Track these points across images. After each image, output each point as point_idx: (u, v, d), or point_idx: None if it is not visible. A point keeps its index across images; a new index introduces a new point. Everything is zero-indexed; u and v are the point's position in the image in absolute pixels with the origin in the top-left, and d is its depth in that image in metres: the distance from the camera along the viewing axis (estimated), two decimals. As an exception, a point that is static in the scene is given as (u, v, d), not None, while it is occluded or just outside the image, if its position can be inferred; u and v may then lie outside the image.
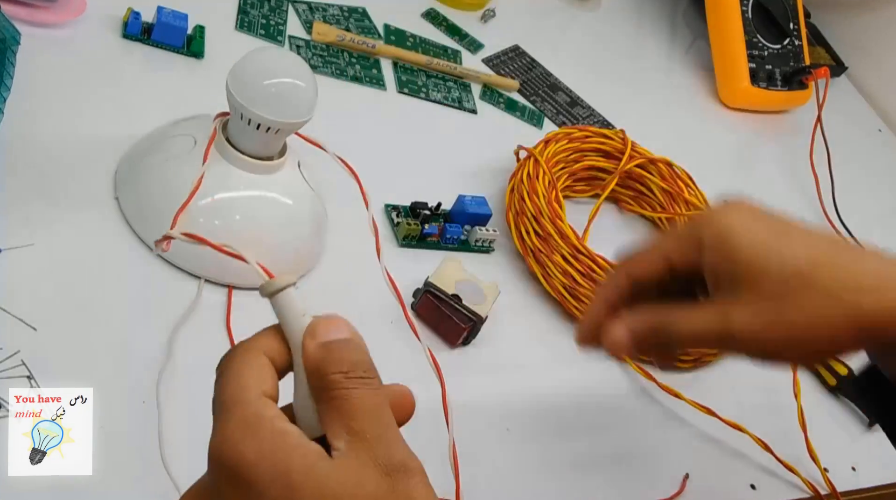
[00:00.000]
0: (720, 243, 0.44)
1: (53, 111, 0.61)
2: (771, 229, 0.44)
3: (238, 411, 0.33)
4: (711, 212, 0.47)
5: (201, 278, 0.57)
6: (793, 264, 0.43)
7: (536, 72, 0.91)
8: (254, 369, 0.35)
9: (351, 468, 0.33)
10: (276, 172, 0.58)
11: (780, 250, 0.43)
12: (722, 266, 0.44)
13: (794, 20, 1.05)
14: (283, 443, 0.33)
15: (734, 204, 0.46)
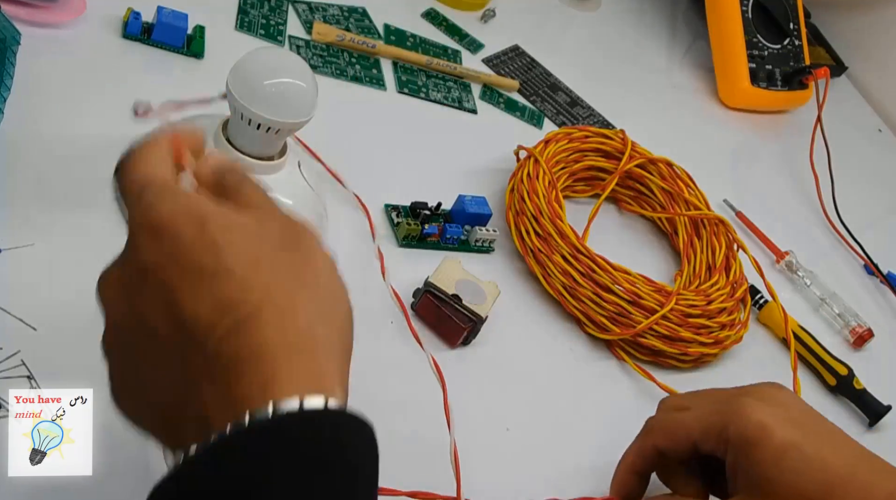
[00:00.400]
0: (754, 440, 0.43)
1: (53, 111, 0.61)
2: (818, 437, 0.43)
3: (151, 188, 0.38)
4: (742, 403, 0.44)
5: None
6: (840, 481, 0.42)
7: (536, 72, 0.91)
8: (158, 162, 0.40)
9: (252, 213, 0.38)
10: (276, 172, 0.58)
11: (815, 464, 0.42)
12: (746, 470, 0.43)
13: (794, 20, 1.05)
14: (194, 198, 0.38)
15: (767, 391, 0.45)
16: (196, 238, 0.35)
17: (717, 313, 0.70)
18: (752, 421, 0.43)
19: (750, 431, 0.43)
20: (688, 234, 0.76)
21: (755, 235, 0.87)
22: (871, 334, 0.81)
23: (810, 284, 0.84)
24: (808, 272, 0.84)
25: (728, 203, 0.88)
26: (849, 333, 0.81)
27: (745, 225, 0.87)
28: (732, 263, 0.75)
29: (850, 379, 0.74)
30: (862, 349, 0.81)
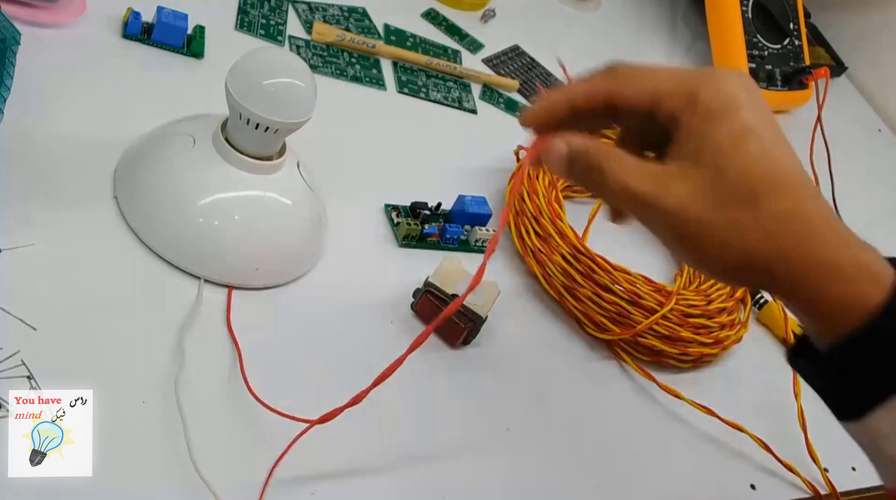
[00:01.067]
0: (721, 110, 0.41)
1: (53, 111, 0.61)
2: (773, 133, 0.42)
3: None
4: (716, 74, 0.43)
5: (201, 278, 0.57)
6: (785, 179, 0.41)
7: (536, 72, 0.91)
8: None
9: None
10: (275, 172, 0.58)
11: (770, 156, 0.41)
12: (699, 140, 0.41)
13: (794, 20, 1.05)
14: None
15: (738, 75, 0.43)
16: None
17: (717, 313, 0.70)
18: (724, 92, 0.42)
19: (720, 100, 0.42)
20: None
21: (755, 236, 0.87)
22: (871, 334, 0.81)
23: (810, 284, 0.83)
24: (808, 272, 0.84)
25: (728, 203, 0.88)
26: (849, 333, 0.81)
27: (745, 225, 0.87)
28: (732, 263, 0.75)
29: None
30: (862, 349, 0.81)
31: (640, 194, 0.41)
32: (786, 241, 0.40)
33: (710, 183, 0.41)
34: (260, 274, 0.58)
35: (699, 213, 0.40)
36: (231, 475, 0.49)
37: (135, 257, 0.56)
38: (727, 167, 0.41)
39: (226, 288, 0.57)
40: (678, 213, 0.41)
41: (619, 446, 0.63)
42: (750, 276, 0.42)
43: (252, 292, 0.58)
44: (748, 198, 0.40)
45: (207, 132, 0.57)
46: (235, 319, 0.56)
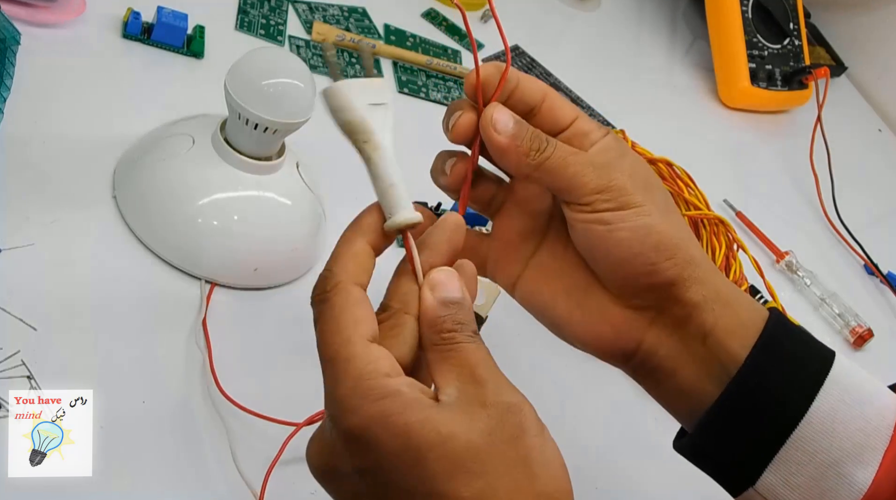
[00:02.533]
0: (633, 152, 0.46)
1: (53, 111, 0.61)
2: None
3: (346, 370, 0.36)
4: None
5: (202, 278, 0.57)
6: None
7: (536, 72, 0.91)
8: (351, 313, 0.38)
9: (463, 409, 0.36)
10: (274, 173, 0.58)
11: None
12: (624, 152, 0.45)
13: (794, 20, 1.05)
14: (397, 401, 0.35)
15: None
16: (401, 454, 0.35)
17: (717, 313, 0.70)
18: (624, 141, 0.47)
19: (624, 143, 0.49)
20: (688, 234, 0.76)
21: (755, 235, 0.87)
22: (871, 334, 0.81)
23: (810, 284, 0.84)
24: (808, 272, 0.84)
25: (728, 203, 0.88)
26: (849, 333, 0.81)
27: (745, 225, 0.87)
28: (732, 263, 0.75)
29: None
30: (862, 349, 0.81)
31: (595, 159, 0.44)
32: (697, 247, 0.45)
33: (641, 171, 0.45)
34: (259, 275, 0.58)
35: (646, 179, 0.45)
36: (230, 476, 0.49)
37: (134, 257, 0.56)
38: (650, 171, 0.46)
39: (225, 288, 0.57)
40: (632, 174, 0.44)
41: (619, 446, 0.63)
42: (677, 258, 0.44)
43: (251, 292, 0.58)
44: (668, 195, 0.46)
45: (206, 132, 0.57)
46: (234, 319, 0.56)
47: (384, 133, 0.39)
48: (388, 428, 0.35)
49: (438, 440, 0.35)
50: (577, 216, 0.44)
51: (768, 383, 0.43)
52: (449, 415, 0.36)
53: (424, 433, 0.35)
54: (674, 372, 0.45)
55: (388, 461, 0.35)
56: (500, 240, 0.49)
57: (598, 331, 0.47)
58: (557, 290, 0.47)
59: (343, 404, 0.36)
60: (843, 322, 0.81)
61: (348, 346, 0.36)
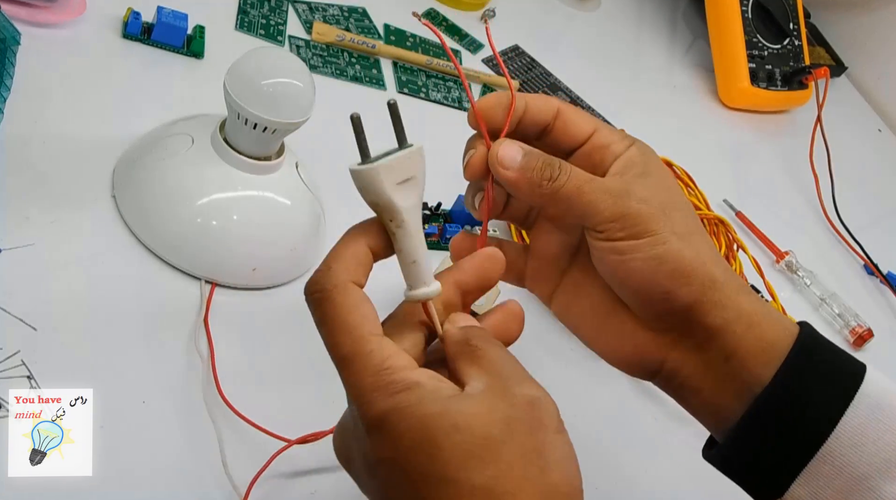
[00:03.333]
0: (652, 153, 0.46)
1: (53, 111, 0.61)
2: None
3: (363, 366, 0.37)
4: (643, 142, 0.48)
5: (201, 278, 0.57)
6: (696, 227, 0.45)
7: (536, 72, 0.91)
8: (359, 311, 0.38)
9: (486, 400, 0.37)
10: (273, 173, 0.58)
11: None
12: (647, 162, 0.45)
13: (794, 20, 1.05)
14: (415, 393, 0.36)
15: None
16: (418, 443, 0.36)
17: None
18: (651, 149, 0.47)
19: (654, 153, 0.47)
20: (688, 234, 0.76)
21: (755, 236, 0.87)
22: (871, 334, 0.81)
23: (810, 284, 0.84)
24: (808, 272, 0.84)
25: (728, 203, 0.88)
26: (849, 333, 0.81)
27: (745, 225, 0.87)
28: (732, 262, 0.75)
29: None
30: (862, 349, 0.81)
31: (611, 186, 0.44)
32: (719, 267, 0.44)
33: (663, 191, 0.44)
34: (258, 274, 0.58)
35: (663, 205, 0.44)
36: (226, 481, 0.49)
37: (134, 257, 0.56)
38: (674, 187, 0.45)
39: (224, 288, 0.57)
40: (647, 200, 0.44)
41: (618, 446, 0.63)
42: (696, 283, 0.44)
43: (250, 292, 0.58)
44: (690, 213, 0.45)
45: (206, 132, 0.57)
46: (233, 319, 0.56)
47: (410, 211, 0.39)
48: (406, 419, 0.36)
49: (453, 430, 0.36)
50: (594, 243, 0.45)
51: (795, 402, 0.43)
52: (469, 404, 0.36)
53: (441, 423, 0.36)
54: (699, 390, 0.46)
55: (405, 451, 0.36)
56: (535, 254, 0.49)
57: (622, 350, 0.47)
58: (585, 307, 0.47)
59: (364, 398, 0.37)
60: (843, 322, 0.81)
61: (363, 343, 0.37)
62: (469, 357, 0.39)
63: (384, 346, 0.37)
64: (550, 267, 0.49)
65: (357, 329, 0.38)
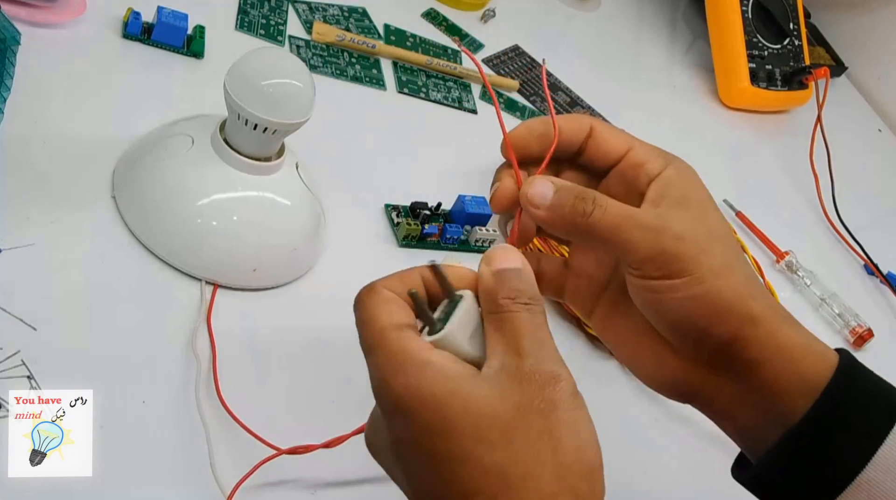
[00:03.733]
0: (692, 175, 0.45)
1: (53, 111, 0.61)
2: None
3: (381, 351, 0.38)
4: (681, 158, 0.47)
5: (202, 279, 0.57)
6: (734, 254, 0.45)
7: (536, 72, 0.91)
8: (383, 307, 0.39)
9: (499, 383, 0.37)
10: (273, 173, 0.58)
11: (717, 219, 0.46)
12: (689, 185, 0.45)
13: (794, 20, 1.05)
14: (427, 372, 0.37)
15: None
16: (433, 422, 0.37)
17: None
18: (687, 165, 0.46)
19: (689, 169, 0.46)
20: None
21: (755, 235, 0.87)
22: (871, 334, 0.81)
23: (810, 284, 0.84)
24: (808, 272, 0.84)
25: (728, 203, 0.88)
26: (849, 333, 0.81)
27: (745, 225, 0.87)
28: (732, 263, 0.74)
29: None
30: (862, 349, 0.81)
31: (647, 222, 0.43)
32: (764, 292, 0.44)
33: (703, 222, 0.44)
34: (258, 275, 0.58)
35: (699, 242, 0.43)
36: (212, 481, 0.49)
37: (133, 257, 0.56)
38: (713, 214, 0.44)
39: (223, 288, 0.57)
40: (683, 238, 0.43)
41: (618, 446, 0.63)
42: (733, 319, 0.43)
43: (250, 292, 0.58)
44: (731, 243, 0.44)
45: (206, 133, 0.57)
46: (232, 320, 0.56)
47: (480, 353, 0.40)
48: (418, 399, 0.37)
49: (464, 412, 0.36)
50: (630, 278, 0.44)
51: (832, 431, 0.42)
52: (482, 386, 0.37)
53: (452, 403, 0.36)
54: (733, 417, 0.46)
55: (421, 430, 0.37)
56: (574, 271, 0.49)
57: (658, 375, 0.47)
58: (623, 329, 0.47)
59: (382, 384, 0.38)
60: (843, 322, 0.81)
61: (383, 333, 0.39)
62: (494, 322, 0.39)
63: (404, 333, 0.39)
64: (589, 285, 0.48)
65: (378, 322, 0.39)
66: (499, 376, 0.38)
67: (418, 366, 0.37)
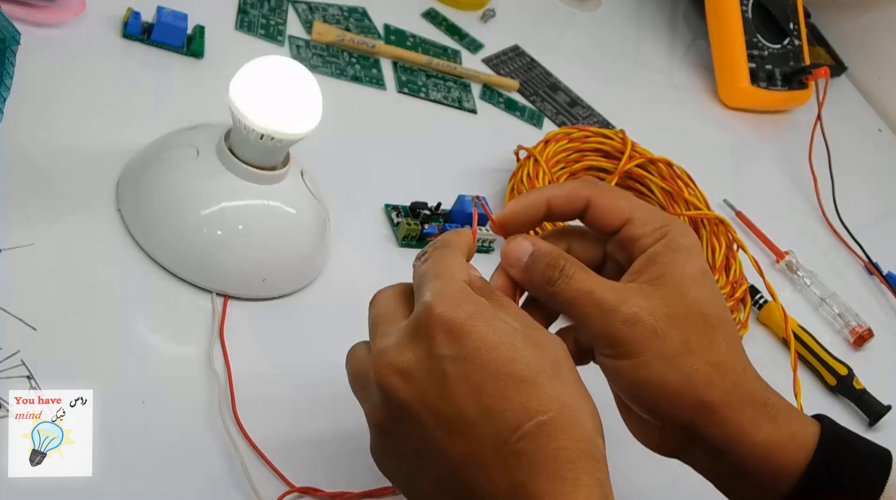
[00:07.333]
0: (687, 248, 0.46)
1: (53, 111, 0.61)
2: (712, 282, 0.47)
3: (452, 281, 0.42)
4: (678, 219, 0.48)
5: (212, 291, 0.56)
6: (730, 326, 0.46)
7: (536, 72, 0.91)
8: (457, 259, 0.44)
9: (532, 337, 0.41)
10: (279, 182, 0.57)
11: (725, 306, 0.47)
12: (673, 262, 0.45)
13: (794, 20, 1.05)
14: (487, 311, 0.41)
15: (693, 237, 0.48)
16: (502, 345, 0.40)
17: (717, 313, 0.70)
18: (690, 235, 0.47)
19: (687, 240, 0.46)
20: (688, 234, 0.76)
21: (755, 235, 0.87)
22: (871, 334, 0.81)
23: (810, 284, 0.84)
24: (808, 272, 0.84)
25: (728, 203, 0.88)
26: (849, 333, 0.81)
27: (745, 225, 0.87)
28: (732, 262, 0.75)
29: (849, 379, 0.74)
30: (862, 349, 0.81)
31: (602, 300, 0.44)
32: (727, 378, 0.45)
33: (669, 303, 0.44)
34: (267, 284, 0.58)
35: (655, 324, 0.44)
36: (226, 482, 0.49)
37: (133, 258, 0.56)
38: (688, 294, 0.45)
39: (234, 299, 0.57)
40: (635, 321, 0.43)
41: (618, 446, 0.63)
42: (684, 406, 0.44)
43: (259, 302, 0.58)
44: (702, 325, 0.44)
45: (211, 143, 0.57)
46: (240, 330, 0.56)
47: None
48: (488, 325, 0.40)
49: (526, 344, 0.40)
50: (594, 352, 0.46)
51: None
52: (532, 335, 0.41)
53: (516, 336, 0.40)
54: (716, 481, 0.47)
55: (488, 349, 0.39)
56: None
57: (646, 435, 0.48)
58: (615, 390, 0.48)
59: (439, 304, 0.40)
60: (843, 322, 0.81)
61: (456, 271, 0.43)
62: None
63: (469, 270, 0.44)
64: None
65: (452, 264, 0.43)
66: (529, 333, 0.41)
67: (485, 304, 0.41)
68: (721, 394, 0.44)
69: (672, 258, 0.45)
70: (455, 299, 0.41)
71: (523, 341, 0.40)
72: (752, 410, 0.45)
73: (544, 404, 0.39)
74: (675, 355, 0.44)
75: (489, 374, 0.39)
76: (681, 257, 0.45)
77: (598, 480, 0.39)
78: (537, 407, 0.39)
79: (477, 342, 0.39)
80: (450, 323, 0.40)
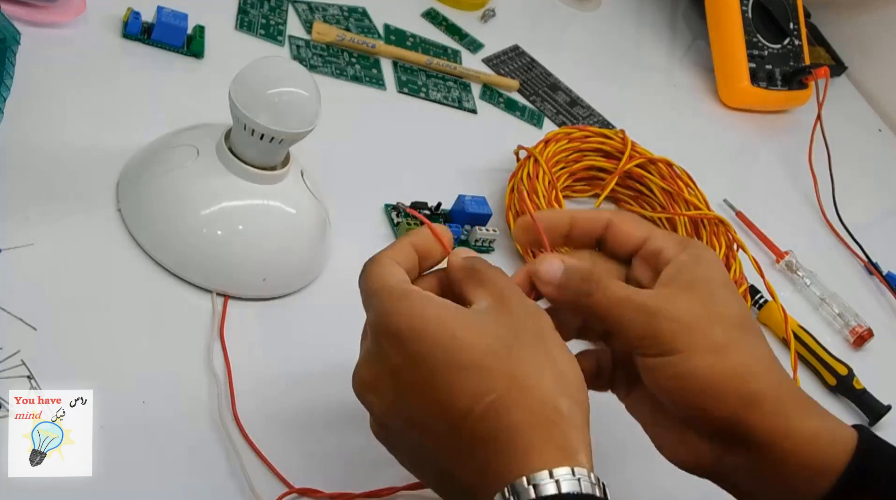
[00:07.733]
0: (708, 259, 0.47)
1: (53, 111, 0.61)
2: None
3: (384, 292, 0.43)
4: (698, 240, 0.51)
5: (213, 291, 0.56)
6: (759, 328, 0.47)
7: (536, 72, 0.91)
8: (388, 268, 0.45)
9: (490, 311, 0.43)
10: (279, 182, 0.57)
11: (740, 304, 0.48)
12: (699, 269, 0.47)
13: (794, 20, 1.05)
14: (433, 301, 0.42)
15: None
16: (442, 338, 0.41)
17: (717, 313, 0.70)
18: (707, 249, 0.49)
19: (707, 253, 0.48)
20: (688, 234, 0.76)
21: (755, 235, 0.87)
22: (871, 333, 0.81)
23: (810, 284, 0.84)
24: (808, 272, 0.84)
25: (728, 203, 0.88)
26: (849, 333, 0.81)
27: (745, 225, 0.87)
28: (732, 262, 0.75)
29: (849, 379, 0.74)
30: (862, 349, 0.81)
31: (644, 303, 0.45)
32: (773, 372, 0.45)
33: (706, 305, 0.46)
34: (267, 284, 0.58)
35: (698, 321, 0.45)
36: (227, 482, 0.49)
37: (133, 258, 0.56)
38: (721, 298, 0.46)
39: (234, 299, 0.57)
40: (679, 319, 0.45)
41: (618, 446, 0.63)
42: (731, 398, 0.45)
43: (259, 302, 0.58)
44: (739, 325, 0.46)
45: (211, 143, 0.57)
46: (240, 330, 0.56)
47: None
48: (423, 320, 0.41)
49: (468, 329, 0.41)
50: (635, 359, 0.47)
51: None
52: (480, 313, 0.42)
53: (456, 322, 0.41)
54: (753, 496, 0.47)
55: (430, 346, 0.41)
56: (612, 355, 0.51)
57: (678, 452, 0.49)
58: (646, 410, 0.49)
59: (383, 317, 0.42)
60: (843, 322, 0.81)
61: (383, 278, 0.44)
62: (474, 280, 0.44)
63: (405, 281, 0.44)
64: (623, 370, 0.50)
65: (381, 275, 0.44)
66: (490, 309, 0.43)
67: (421, 297, 0.42)
68: (770, 386, 0.45)
69: (699, 267, 0.47)
70: (390, 308, 0.42)
71: (466, 326, 0.41)
72: (798, 404, 0.45)
73: (490, 385, 0.40)
74: (721, 347, 0.45)
75: (437, 370, 0.40)
76: (706, 266, 0.47)
77: (555, 441, 0.39)
78: (484, 389, 0.40)
79: (418, 345, 0.41)
80: (389, 332, 0.42)
